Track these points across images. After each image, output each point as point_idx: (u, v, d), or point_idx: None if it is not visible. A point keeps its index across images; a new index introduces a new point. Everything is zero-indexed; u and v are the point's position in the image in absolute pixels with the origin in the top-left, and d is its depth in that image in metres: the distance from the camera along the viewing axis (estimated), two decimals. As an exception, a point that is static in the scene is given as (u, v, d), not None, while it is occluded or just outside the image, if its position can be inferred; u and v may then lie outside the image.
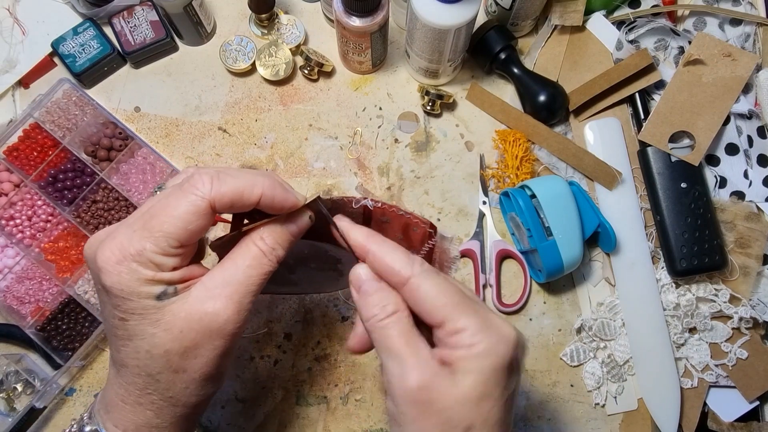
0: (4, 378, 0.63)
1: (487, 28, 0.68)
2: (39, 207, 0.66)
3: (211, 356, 0.40)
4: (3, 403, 0.64)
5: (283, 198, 0.41)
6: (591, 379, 0.64)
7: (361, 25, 0.62)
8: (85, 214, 0.66)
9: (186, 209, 0.38)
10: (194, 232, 0.39)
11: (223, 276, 0.40)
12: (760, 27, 0.69)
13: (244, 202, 0.39)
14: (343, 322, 0.66)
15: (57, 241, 0.66)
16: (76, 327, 0.64)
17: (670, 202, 0.65)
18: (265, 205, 0.40)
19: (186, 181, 0.39)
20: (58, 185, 0.66)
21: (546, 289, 0.67)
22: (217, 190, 0.38)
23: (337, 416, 0.64)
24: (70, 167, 0.66)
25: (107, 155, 0.67)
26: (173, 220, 0.38)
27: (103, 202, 0.66)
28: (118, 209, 0.67)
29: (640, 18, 0.69)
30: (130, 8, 0.70)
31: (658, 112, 0.66)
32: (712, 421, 0.64)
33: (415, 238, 0.54)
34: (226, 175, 0.39)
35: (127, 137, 0.67)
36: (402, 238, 0.54)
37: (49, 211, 0.67)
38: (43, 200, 0.66)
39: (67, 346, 0.64)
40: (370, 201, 0.49)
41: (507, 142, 0.68)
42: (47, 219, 0.66)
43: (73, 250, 0.66)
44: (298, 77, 0.71)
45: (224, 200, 0.39)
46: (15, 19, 0.71)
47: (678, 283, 0.66)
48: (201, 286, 0.40)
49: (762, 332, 0.65)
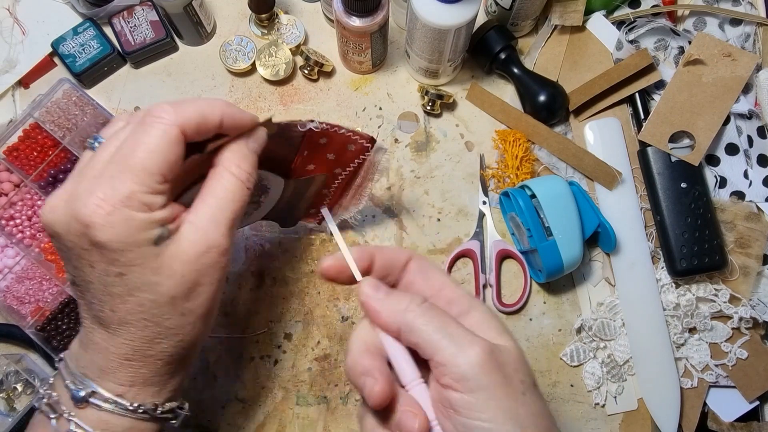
0: (4, 378, 0.63)
1: (487, 28, 0.68)
2: (39, 207, 0.66)
3: (211, 291, 0.40)
4: (3, 403, 0.63)
5: (241, 116, 0.40)
6: (591, 379, 0.64)
7: (361, 25, 0.62)
8: None
9: (160, 140, 0.37)
10: (174, 162, 0.38)
11: (210, 212, 0.39)
12: (760, 27, 0.69)
13: (208, 124, 0.39)
14: (343, 322, 0.66)
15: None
16: (76, 327, 0.64)
17: (670, 202, 0.65)
18: (227, 125, 0.40)
19: (146, 115, 0.38)
20: (58, 185, 0.66)
21: (546, 289, 0.67)
22: (182, 115, 0.38)
23: (337, 416, 0.64)
24: (71, 167, 0.66)
25: None
26: (151, 154, 0.37)
27: None
28: None
29: (640, 18, 0.69)
30: (130, 8, 0.70)
31: (658, 112, 0.66)
32: (712, 421, 0.64)
33: (348, 156, 0.55)
34: (183, 102, 0.39)
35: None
36: (335, 157, 0.55)
37: (49, 210, 0.67)
38: (43, 200, 0.66)
39: (67, 346, 0.63)
40: (316, 123, 0.49)
41: (507, 142, 0.68)
42: None
43: (73, 249, 0.66)
44: (298, 77, 0.71)
45: (191, 124, 0.38)
46: (15, 19, 0.71)
47: (678, 283, 0.66)
48: (190, 225, 0.39)
49: (762, 332, 0.65)
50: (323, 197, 0.61)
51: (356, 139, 0.53)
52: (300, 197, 0.59)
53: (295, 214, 0.63)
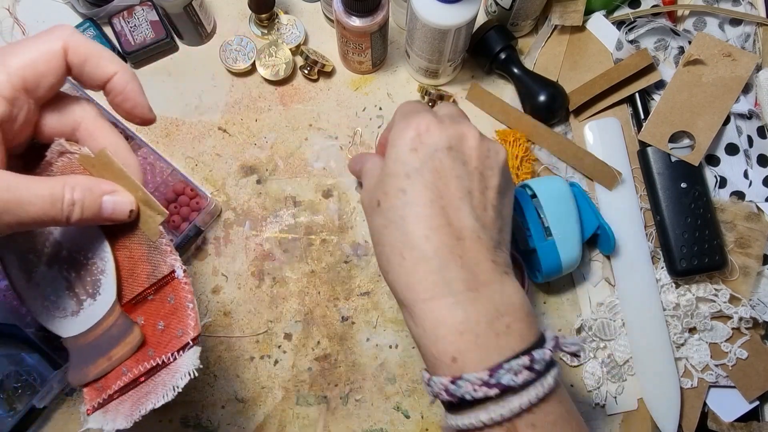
0: (4, 378, 0.63)
1: (487, 28, 0.68)
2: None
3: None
4: (3, 403, 0.64)
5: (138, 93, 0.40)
6: (591, 379, 0.65)
7: (361, 25, 0.62)
8: None
9: (38, 47, 0.36)
10: (41, 74, 0.36)
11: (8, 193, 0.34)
12: (760, 27, 0.69)
13: (98, 71, 0.38)
14: (343, 323, 0.66)
15: (57, 242, 0.66)
16: None
17: (670, 202, 0.65)
18: (115, 89, 0.39)
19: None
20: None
21: (546, 289, 0.67)
22: (76, 38, 0.37)
23: (337, 416, 0.64)
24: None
25: None
26: (22, 55, 0.36)
27: None
28: None
29: (640, 18, 0.69)
30: (130, 8, 0.70)
31: (658, 112, 0.66)
32: (712, 421, 0.64)
33: (169, 341, 0.43)
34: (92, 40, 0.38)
35: (128, 137, 0.67)
36: (162, 329, 0.44)
37: (48, 209, 0.66)
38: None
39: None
40: (182, 275, 0.42)
41: (507, 142, 0.68)
42: None
43: (73, 250, 0.66)
44: (298, 77, 0.71)
45: (79, 51, 0.37)
46: (15, 19, 0.71)
47: (678, 283, 0.66)
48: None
49: (762, 332, 0.65)
50: (112, 375, 0.46)
51: (188, 326, 0.42)
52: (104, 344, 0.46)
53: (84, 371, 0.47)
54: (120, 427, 0.44)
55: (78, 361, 0.48)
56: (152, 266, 0.44)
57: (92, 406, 0.46)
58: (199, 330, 0.43)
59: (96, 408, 0.46)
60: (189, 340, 0.42)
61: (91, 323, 0.47)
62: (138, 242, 0.44)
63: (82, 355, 0.48)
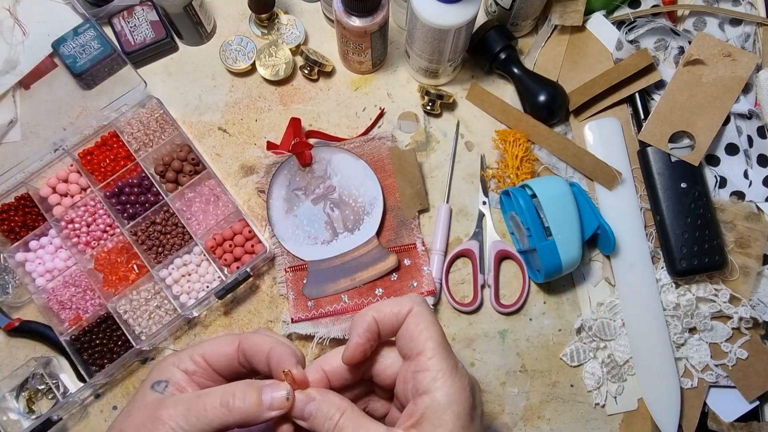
0: (30, 377, 0.63)
1: (487, 28, 0.68)
2: (99, 216, 0.66)
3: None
4: (23, 402, 0.63)
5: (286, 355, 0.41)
6: (591, 379, 0.65)
7: (361, 25, 0.62)
8: (141, 233, 0.65)
9: (222, 341, 0.43)
10: (221, 354, 0.42)
11: (188, 406, 0.39)
12: (760, 27, 0.69)
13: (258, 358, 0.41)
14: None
15: (109, 254, 0.65)
16: (108, 344, 0.63)
17: (670, 202, 0.65)
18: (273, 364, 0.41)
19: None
20: (123, 198, 0.66)
21: (546, 289, 0.67)
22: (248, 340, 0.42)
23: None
24: (137, 183, 0.66)
25: (175, 177, 0.67)
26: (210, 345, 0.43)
27: (161, 225, 0.65)
28: (174, 235, 0.65)
29: (640, 18, 0.69)
30: (130, 8, 0.70)
31: (658, 112, 0.66)
32: (712, 421, 0.64)
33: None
34: (255, 333, 0.43)
35: (199, 163, 0.67)
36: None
37: (108, 221, 0.66)
38: (104, 210, 0.66)
39: (96, 362, 0.63)
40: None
41: (507, 142, 0.68)
42: (105, 229, 0.66)
43: (122, 266, 0.65)
44: (298, 77, 0.71)
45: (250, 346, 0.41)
46: (15, 19, 0.71)
47: (678, 283, 0.66)
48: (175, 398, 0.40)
49: (762, 332, 0.65)
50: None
51: (423, 281, 0.62)
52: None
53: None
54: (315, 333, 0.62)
55: (317, 280, 0.63)
56: (395, 235, 0.64)
57: (297, 317, 0.63)
58: (434, 287, 0.62)
59: (299, 320, 0.63)
60: (424, 290, 0.62)
61: (339, 252, 0.62)
62: (394, 215, 0.64)
63: (321, 275, 0.63)
